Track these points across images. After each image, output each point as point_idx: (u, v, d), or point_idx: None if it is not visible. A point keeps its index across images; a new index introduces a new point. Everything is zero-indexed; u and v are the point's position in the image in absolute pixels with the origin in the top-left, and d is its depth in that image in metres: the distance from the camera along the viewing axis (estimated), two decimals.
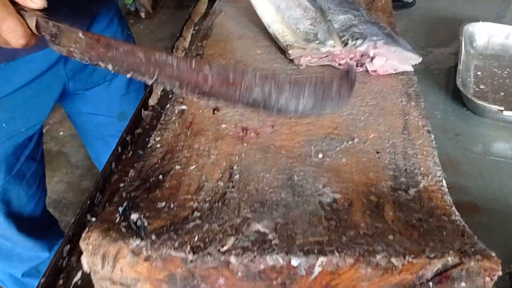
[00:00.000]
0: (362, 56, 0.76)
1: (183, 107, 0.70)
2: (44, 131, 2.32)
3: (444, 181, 0.57)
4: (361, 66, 0.78)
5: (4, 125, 0.87)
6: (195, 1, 1.15)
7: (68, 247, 0.60)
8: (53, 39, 0.55)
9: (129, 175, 0.60)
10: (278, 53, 0.81)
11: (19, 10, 0.56)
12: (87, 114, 1.11)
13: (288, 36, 0.79)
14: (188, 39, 1.03)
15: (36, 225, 1.12)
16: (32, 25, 0.56)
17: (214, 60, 0.79)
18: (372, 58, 0.76)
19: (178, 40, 1.01)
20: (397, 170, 0.58)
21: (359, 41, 0.75)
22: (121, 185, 0.66)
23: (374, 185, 0.55)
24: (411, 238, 0.47)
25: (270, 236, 0.47)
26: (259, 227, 0.48)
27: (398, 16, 1.05)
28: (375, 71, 0.77)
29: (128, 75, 0.53)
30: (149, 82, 0.53)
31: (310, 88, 0.49)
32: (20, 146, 0.94)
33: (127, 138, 0.76)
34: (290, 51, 0.76)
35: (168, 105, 0.71)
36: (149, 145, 0.64)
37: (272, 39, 0.83)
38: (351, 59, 0.77)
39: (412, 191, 0.55)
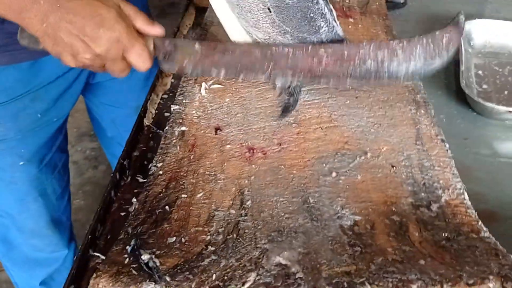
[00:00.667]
0: None
1: (183, 128, 0.66)
2: None
3: (465, 194, 0.55)
4: None
5: (39, 115, 0.89)
6: (182, 12, 1.11)
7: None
8: (167, 57, 0.58)
9: (133, 206, 0.56)
10: None
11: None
12: (106, 105, 1.11)
13: None
14: None
15: (65, 220, 1.14)
16: (151, 47, 0.59)
17: (211, 76, 0.76)
18: None
19: None
20: (416, 185, 0.55)
21: None
22: (123, 214, 0.63)
23: (394, 204, 0.53)
24: (444, 261, 0.44)
25: (293, 269, 0.44)
26: (280, 259, 0.45)
27: (391, 16, 1.03)
28: None
29: (240, 77, 0.56)
30: (261, 78, 0.56)
31: (420, 48, 0.50)
32: (52, 136, 0.96)
33: (125, 162, 0.72)
34: None
35: (167, 127, 0.67)
36: (151, 172, 0.60)
37: None
38: None
39: (434, 207, 0.52)
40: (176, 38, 0.57)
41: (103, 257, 0.53)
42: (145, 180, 0.61)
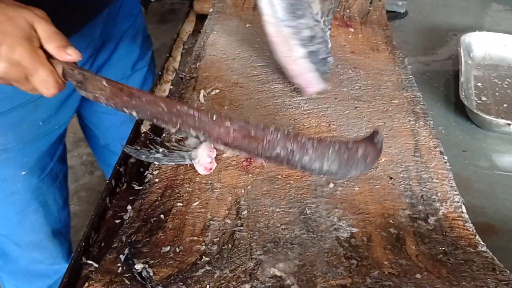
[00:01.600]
0: None
1: (180, 136, 0.66)
2: None
3: (463, 207, 0.54)
4: None
5: (41, 123, 0.88)
6: (183, 19, 1.11)
7: None
8: (80, 85, 0.56)
9: (128, 214, 0.55)
10: (276, 73, 0.78)
11: (48, 58, 0.56)
12: (101, 113, 1.10)
13: None
14: (178, 58, 0.99)
15: (65, 232, 1.13)
16: (60, 73, 0.56)
17: (210, 84, 0.75)
18: None
19: (168, 61, 0.97)
20: (414, 197, 0.55)
21: None
22: (117, 221, 0.62)
23: (392, 216, 0.52)
24: (441, 275, 0.43)
25: (288, 281, 0.43)
26: (275, 271, 0.45)
27: (391, 26, 1.03)
28: None
29: (153, 122, 0.55)
30: (173, 130, 0.53)
31: (334, 152, 0.49)
32: (53, 145, 0.95)
33: (120, 169, 0.72)
34: None
35: (164, 134, 0.67)
36: (146, 180, 0.60)
37: (268, 58, 0.80)
38: None
39: (432, 220, 0.52)
40: (85, 70, 0.56)
41: (96, 265, 0.52)
42: (141, 187, 0.60)
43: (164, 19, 3.34)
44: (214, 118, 0.51)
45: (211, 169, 0.59)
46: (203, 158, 0.58)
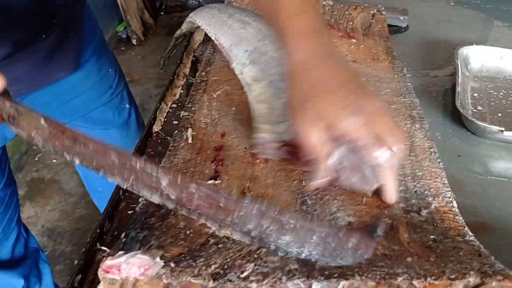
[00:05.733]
0: None
1: (191, 132, 0.70)
2: (36, 159, 2.31)
3: (454, 202, 0.58)
4: None
5: None
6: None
7: (79, 277, 0.59)
8: (12, 120, 0.49)
9: (141, 202, 0.59)
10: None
11: None
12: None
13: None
14: (188, 65, 1.04)
15: (7, 256, 1.05)
16: None
17: (219, 86, 0.80)
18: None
19: (179, 67, 1.02)
20: (408, 192, 0.59)
21: None
22: (130, 212, 0.66)
23: (387, 208, 0.56)
24: (429, 260, 0.47)
25: (289, 261, 0.47)
26: (278, 252, 0.48)
27: (393, 40, 1.08)
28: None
29: (99, 173, 0.47)
30: (124, 187, 0.47)
31: (319, 238, 0.44)
32: None
33: None
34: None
35: (176, 131, 0.71)
36: None
37: None
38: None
39: (424, 212, 0.55)
40: (20, 104, 0.49)
41: (109, 251, 0.56)
42: None
43: (173, 32, 3.41)
44: (178, 181, 0.45)
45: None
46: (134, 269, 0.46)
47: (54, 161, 2.30)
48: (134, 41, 3.43)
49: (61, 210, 2.04)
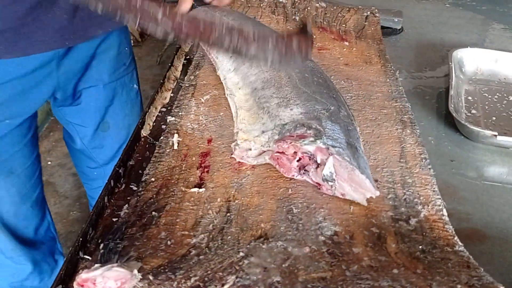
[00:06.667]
0: (308, 158, 0.59)
1: (177, 138, 0.69)
2: None
3: (444, 210, 0.56)
4: (303, 173, 0.60)
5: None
6: None
7: (60, 287, 0.58)
8: None
9: (124, 211, 0.58)
10: None
11: None
12: (75, 124, 1.12)
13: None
14: (179, 68, 1.02)
15: (30, 235, 1.10)
16: None
17: (207, 91, 0.79)
18: (318, 166, 0.59)
19: (170, 70, 1.01)
20: (397, 199, 0.57)
21: (308, 140, 0.59)
22: (114, 219, 0.65)
23: (375, 216, 0.55)
24: (416, 271, 0.46)
25: (271, 273, 0.46)
26: (260, 263, 0.47)
27: (387, 42, 1.06)
28: (318, 184, 0.59)
29: (115, 17, 0.59)
30: (134, 25, 0.60)
31: (273, 44, 0.57)
32: (7, 135, 0.93)
33: (120, 170, 0.75)
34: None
35: (161, 137, 0.70)
36: (143, 179, 0.63)
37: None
38: (292, 157, 0.60)
39: (413, 221, 0.54)
40: None
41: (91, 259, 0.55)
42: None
43: None
44: (167, 12, 0.58)
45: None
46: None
47: (49, 163, 2.29)
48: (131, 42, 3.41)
49: (56, 213, 2.03)
